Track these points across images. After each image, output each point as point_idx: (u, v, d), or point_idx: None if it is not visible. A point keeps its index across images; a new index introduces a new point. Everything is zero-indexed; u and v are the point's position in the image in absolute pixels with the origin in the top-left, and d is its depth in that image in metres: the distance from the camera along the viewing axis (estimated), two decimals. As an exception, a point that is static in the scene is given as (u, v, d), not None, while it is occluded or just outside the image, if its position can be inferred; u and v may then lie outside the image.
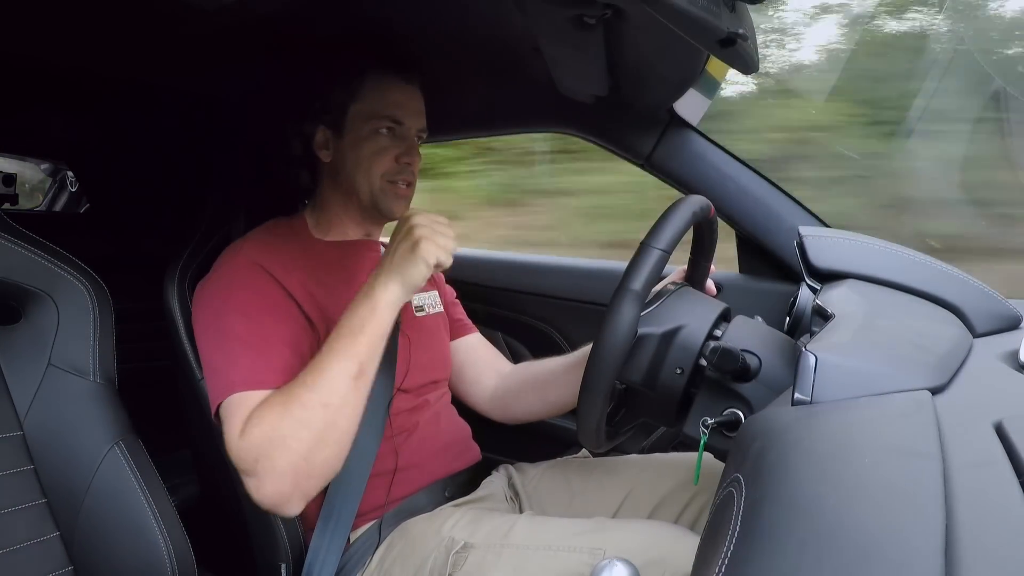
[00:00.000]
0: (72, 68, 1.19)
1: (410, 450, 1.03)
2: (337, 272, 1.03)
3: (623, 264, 0.77)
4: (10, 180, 1.72)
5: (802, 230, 0.90)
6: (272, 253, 0.97)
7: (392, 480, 1.00)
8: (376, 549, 0.96)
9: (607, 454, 1.12)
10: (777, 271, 1.27)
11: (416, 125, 1.07)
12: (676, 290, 0.87)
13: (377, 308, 0.84)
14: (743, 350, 0.76)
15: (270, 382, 0.87)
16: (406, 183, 1.06)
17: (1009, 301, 0.83)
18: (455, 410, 1.18)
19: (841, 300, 0.75)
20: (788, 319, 1.02)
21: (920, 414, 0.48)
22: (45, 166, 2.60)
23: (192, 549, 0.83)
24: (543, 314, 1.58)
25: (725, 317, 0.86)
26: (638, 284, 0.75)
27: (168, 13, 0.89)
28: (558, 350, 1.48)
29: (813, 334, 0.69)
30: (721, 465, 0.80)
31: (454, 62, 1.17)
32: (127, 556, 0.80)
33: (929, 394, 0.52)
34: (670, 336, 0.80)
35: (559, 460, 1.16)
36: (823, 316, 0.72)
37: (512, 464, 1.18)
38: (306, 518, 0.98)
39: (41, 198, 2.71)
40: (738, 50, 0.79)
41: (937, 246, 1.77)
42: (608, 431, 0.88)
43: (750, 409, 0.75)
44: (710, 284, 1.09)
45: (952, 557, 0.34)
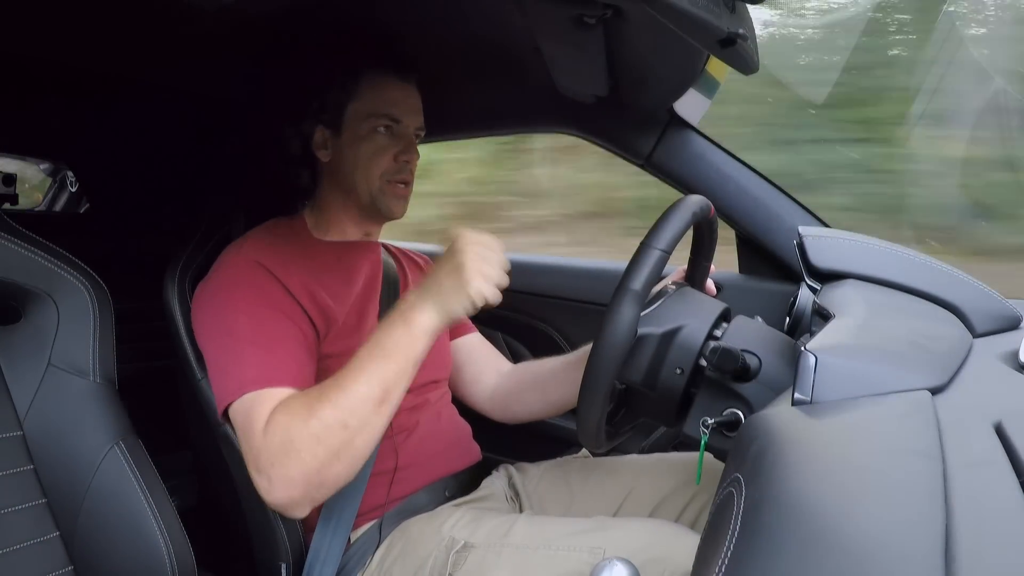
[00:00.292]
0: (72, 67, 1.19)
1: (410, 449, 1.03)
2: (337, 272, 1.03)
3: (623, 264, 0.77)
4: (10, 180, 1.71)
5: (802, 230, 0.90)
6: (273, 252, 0.97)
7: (392, 479, 1.00)
8: (376, 549, 0.96)
9: (607, 454, 1.12)
10: (777, 271, 1.27)
11: (414, 123, 1.07)
12: (676, 290, 0.87)
13: (413, 334, 0.81)
14: (743, 350, 0.76)
15: (282, 380, 0.87)
16: (404, 183, 1.06)
17: (1009, 301, 0.83)
18: (455, 409, 1.18)
19: (841, 300, 0.75)
20: (788, 319, 1.02)
21: (920, 414, 0.49)
22: (45, 166, 2.60)
23: (192, 549, 0.83)
24: (543, 314, 1.58)
25: (725, 317, 0.86)
26: (638, 284, 0.75)
27: (168, 13, 0.89)
28: (558, 350, 1.48)
29: (813, 334, 0.69)
30: (721, 465, 0.80)
31: (454, 62, 1.17)
32: (127, 556, 0.80)
33: (929, 394, 0.52)
34: (670, 336, 0.80)
35: (559, 460, 1.16)
36: (823, 316, 0.72)
37: (512, 464, 1.18)
38: (306, 518, 0.98)
39: (41, 198, 2.71)
40: (738, 50, 0.79)
41: (937, 246, 1.77)
42: (608, 431, 0.88)
43: (750, 409, 0.75)
44: (710, 284, 1.09)
45: (951, 557, 0.34)
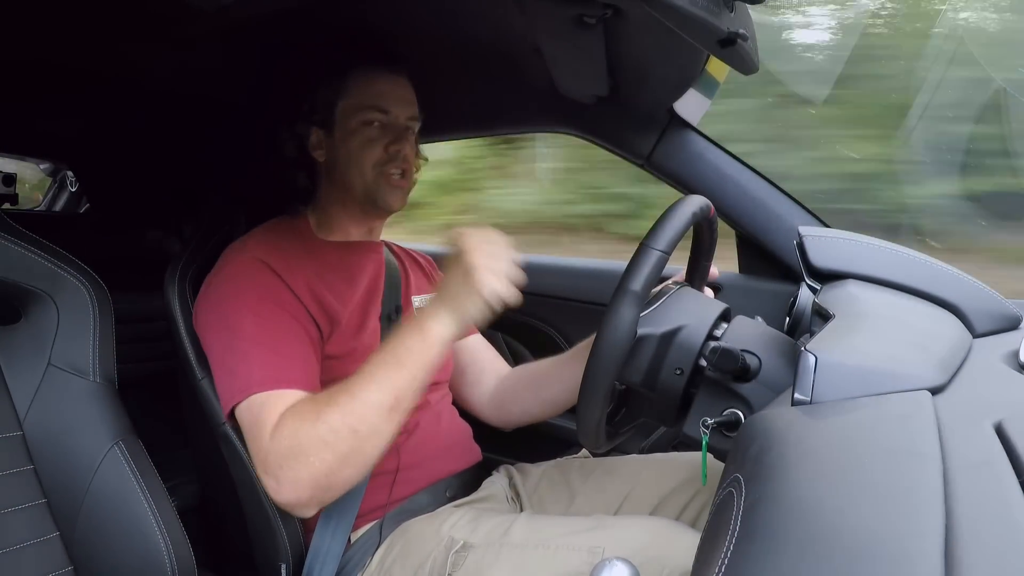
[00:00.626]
0: (72, 68, 1.19)
1: (411, 450, 1.03)
2: (340, 273, 1.03)
3: (623, 264, 0.77)
4: (10, 180, 1.72)
5: (802, 230, 0.90)
6: (276, 252, 0.97)
7: (394, 480, 1.00)
8: (377, 549, 0.96)
9: (607, 454, 1.12)
10: (777, 271, 1.27)
11: (404, 113, 1.06)
12: (676, 290, 0.87)
13: (427, 342, 0.80)
14: (743, 350, 0.76)
15: (289, 381, 0.87)
16: (400, 172, 1.05)
17: (1009, 301, 0.83)
18: (456, 411, 1.18)
19: (841, 300, 0.75)
20: (788, 319, 1.02)
21: (920, 414, 0.49)
22: (45, 166, 2.60)
23: (192, 549, 0.83)
24: (543, 314, 1.58)
25: (725, 317, 0.86)
26: (637, 285, 0.75)
27: (168, 13, 0.89)
28: (558, 350, 1.48)
29: (813, 334, 0.69)
30: (722, 464, 0.80)
31: (455, 62, 1.17)
32: (127, 556, 0.80)
33: (929, 394, 0.52)
34: (669, 337, 0.80)
35: (559, 460, 1.16)
36: (823, 316, 0.72)
37: (513, 464, 1.18)
38: (306, 518, 0.98)
39: (41, 198, 2.71)
40: (738, 50, 0.79)
41: (937, 246, 1.77)
42: (608, 431, 0.88)
43: (750, 409, 0.75)
44: (708, 290, 1.09)
45: (952, 557, 0.34)
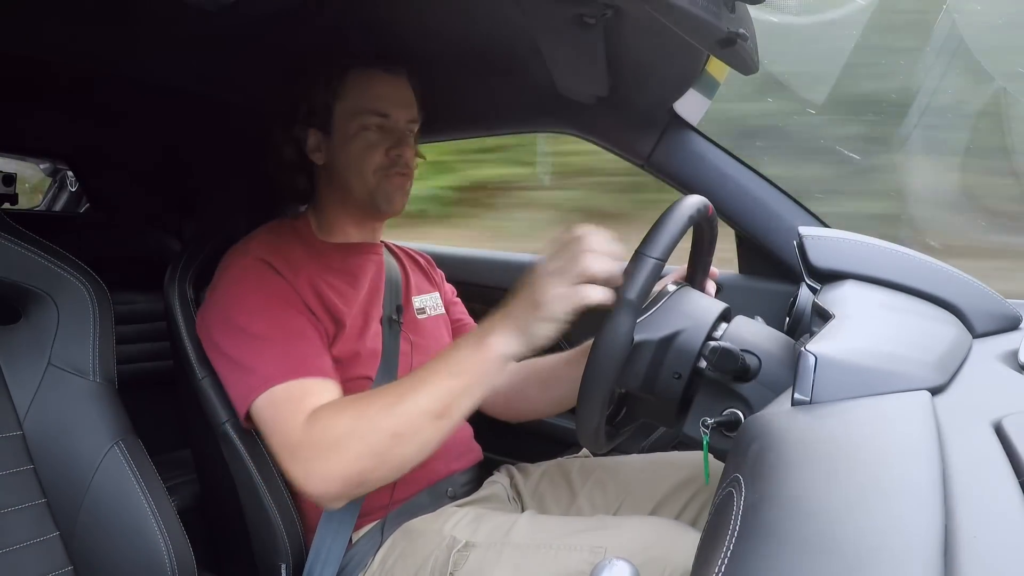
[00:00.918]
0: (72, 68, 1.19)
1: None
2: (342, 274, 1.03)
3: (623, 264, 0.77)
4: (10, 180, 1.72)
5: (802, 230, 0.90)
6: (278, 252, 0.97)
7: (396, 480, 1.00)
8: (378, 549, 0.96)
9: (608, 454, 1.12)
10: (777, 271, 1.27)
11: (404, 116, 1.05)
12: (675, 291, 0.87)
13: (487, 359, 0.78)
14: (743, 350, 0.76)
15: (309, 371, 0.87)
16: (401, 173, 1.05)
17: (1009, 301, 0.83)
18: (456, 411, 1.18)
19: (841, 300, 0.75)
20: (788, 319, 1.02)
21: (919, 414, 0.49)
22: (45, 166, 2.61)
23: (192, 549, 0.83)
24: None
25: (725, 317, 0.86)
26: (632, 294, 0.74)
27: (169, 13, 0.89)
28: (558, 349, 1.48)
29: (813, 334, 0.69)
30: (723, 463, 0.80)
31: (454, 62, 1.17)
32: (127, 556, 0.80)
33: (929, 394, 0.52)
34: (667, 342, 0.79)
35: (560, 460, 1.17)
36: (823, 316, 0.72)
37: (514, 464, 1.18)
38: (307, 518, 0.98)
39: (41, 198, 2.72)
40: (738, 50, 0.79)
41: (937, 246, 1.76)
42: (608, 431, 0.88)
43: (750, 409, 0.75)
44: (710, 284, 1.09)
45: (951, 557, 0.34)
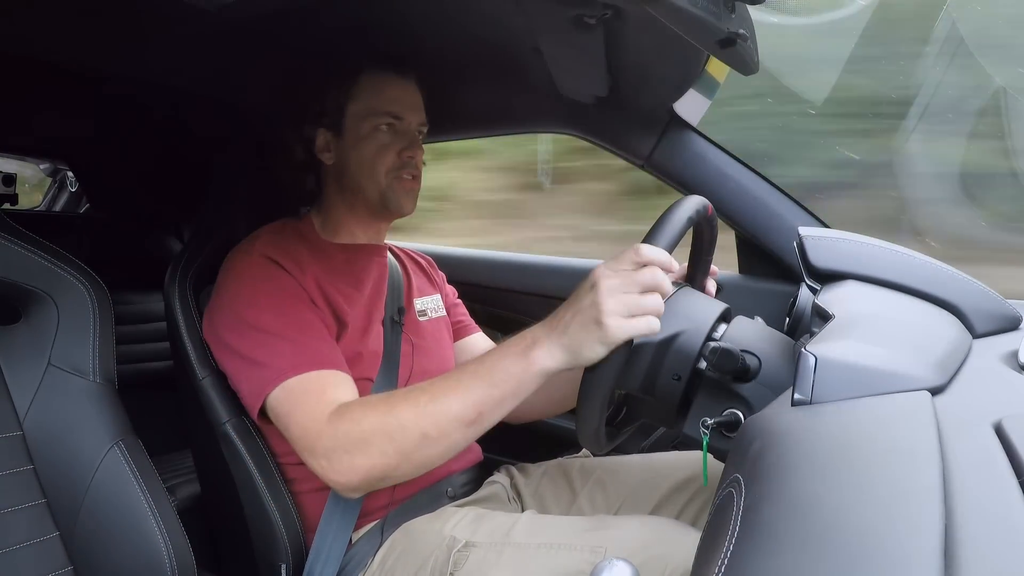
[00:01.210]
0: (73, 68, 1.19)
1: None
2: (346, 275, 1.04)
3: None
4: (10, 180, 1.72)
5: (802, 230, 0.90)
6: (284, 251, 0.97)
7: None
8: (378, 549, 0.96)
9: (608, 454, 1.12)
10: (777, 271, 1.27)
11: (416, 119, 1.07)
12: (675, 292, 0.86)
13: (529, 371, 0.77)
14: (743, 350, 0.76)
15: (323, 363, 0.88)
16: (411, 175, 1.06)
17: (1009, 301, 0.83)
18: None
19: (841, 301, 0.75)
20: (788, 319, 1.02)
21: (919, 415, 0.49)
22: (45, 166, 2.61)
23: (192, 549, 0.83)
24: (543, 314, 1.56)
25: (725, 317, 0.86)
26: None
27: (169, 13, 0.89)
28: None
29: (813, 334, 0.69)
30: (722, 464, 0.80)
31: (455, 62, 1.17)
32: (127, 556, 0.80)
33: (929, 395, 0.52)
34: (667, 344, 0.79)
35: (560, 460, 1.16)
36: (823, 317, 0.72)
37: (514, 464, 1.18)
38: (307, 518, 0.98)
39: (41, 198, 2.72)
40: (738, 50, 0.79)
41: (936, 246, 1.76)
42: (608, 432, 0.88)
43: (750, 409, 0.75)
44: (711, 283, 1.08)
45: (951, 557, 0.34)
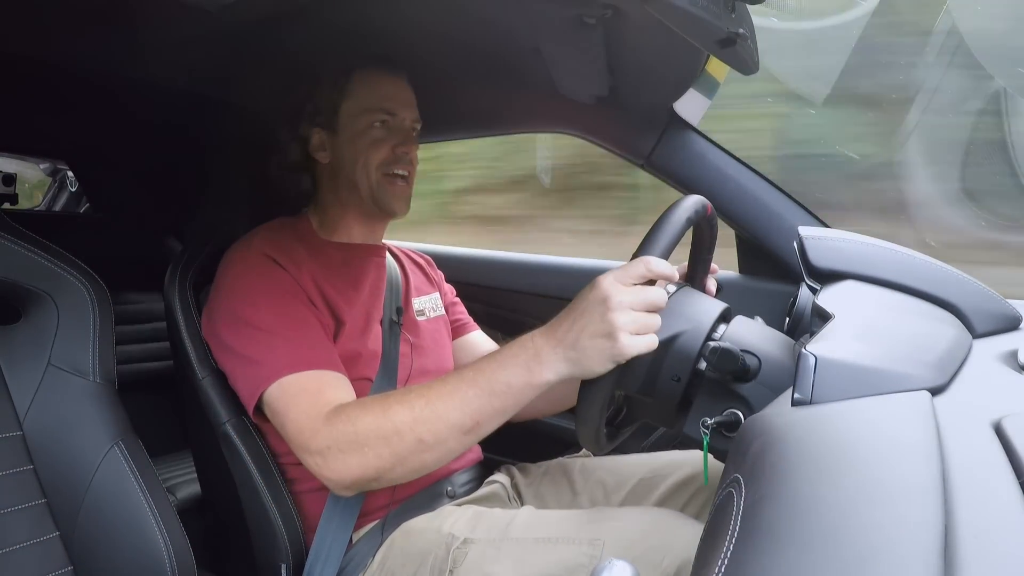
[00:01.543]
0: (72, 67, 1.19)
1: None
2: (343, 274, 1.04)
3: (623, 264, 0.77)
4: (10, 180, 1.72)
5: (802, 230, 0.89)
6: (281, 248, 0.98)
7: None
8: (378, 549, 0.96)
9: (608, 453, 1.12)
10: (777, 271, 1.27)
11: (410, 116, 1.08)
12: (675, 292, 0.86)
13: (531, 383, 0.76)
14: (743, 350, 0.76)
15: (317, 362, 0.88)
16: (403, 179, 1.07)
17: (1009, 301, 0.83)
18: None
19: (841, 300, 0.75)
20: (788, 319, 1.02)
21: (919, 415, 0.49)
22: (45, 166, 2.61)
23: (192, 549, 0.83)
24: (543, 314, 1.56)
25: (725, 317, 0.86)
26: None
27: (169, 13, 0.89)
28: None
29: (813, 334, 0.69)
30: (723, 464, 0.80)
31: (455, 62, 1.17)
32: (127, 556, 0.80)
33: (928, 394, 0.52)
34: (666, 345, 0.79)
35: (561, 460, 1.16)
36: (823, 316, 0.72)
37: (514, 464, 1.18)
38: (307, 518, 0.98)
39: (41, 198, 2.72)
40: (738, 50, 0.79)
41: (936, 246, 1.76)
42: (609, 432, 0.88)
43: (750, 409, 0.75)
44: (711, 281, 1.08)
45: (951, 557, 0.34)
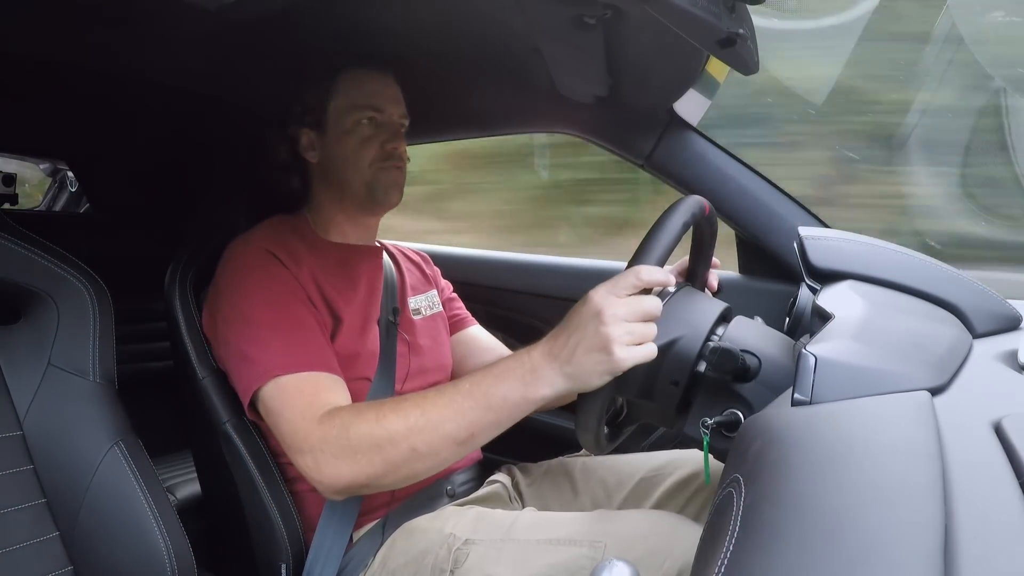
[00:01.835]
0: (72, 67, 1.19)
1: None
2: (341, 274, 1.04)
3: (622, 264, 0.77)
4: (10, 180, 1.71)
5: (802, 231, 0.89)
6: (281, 244, 0.98)
7: None
8: (379, 548, 0.96)
9: (608, 453, 1.12)
10: (777, 271, 1.27)
11: (397, 112, 1.08)
12: (673, 295, 0.85)
13: (528, 399, 0.75)
14: (743, 350, 0.76)
15: (312, 364, 0.88)
16: (396, 167, 1.07)
17: (1009, 301, 0.83)
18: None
19: (841, 301, 0.75)
20: (788, 319, 1.01)
21: (919, 415, 0.48)
22: (45, 166, 2.61)
23: (192, 549, 0.83)
24: (543, 314, 1.57)
25: (725, 317, 0.86)
26: None
27: (168, 13, 0.89)
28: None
29: (813, 334, 0.69)
30: (723, 463, 0.80)
31: (455, 63, 1.17)
32: (127, 556, 0.80)
33: (928, 395, 0.52)
34: (664, 351, 0.78)
35: (561, 459, 1.17)
36: (823, 317, 0.72)
37: (515, 464, 1.18)
38: (307, 518, 0.98)
39: (41, 198, 2.72)
40: (738, 50, 0.79)
41: (936, 246, 1.76)
42: (610, 432, 0.88)
43: (750, 409, 0.75)
44: (713, 276, 1.06)
45: (951, 557, 0.34)
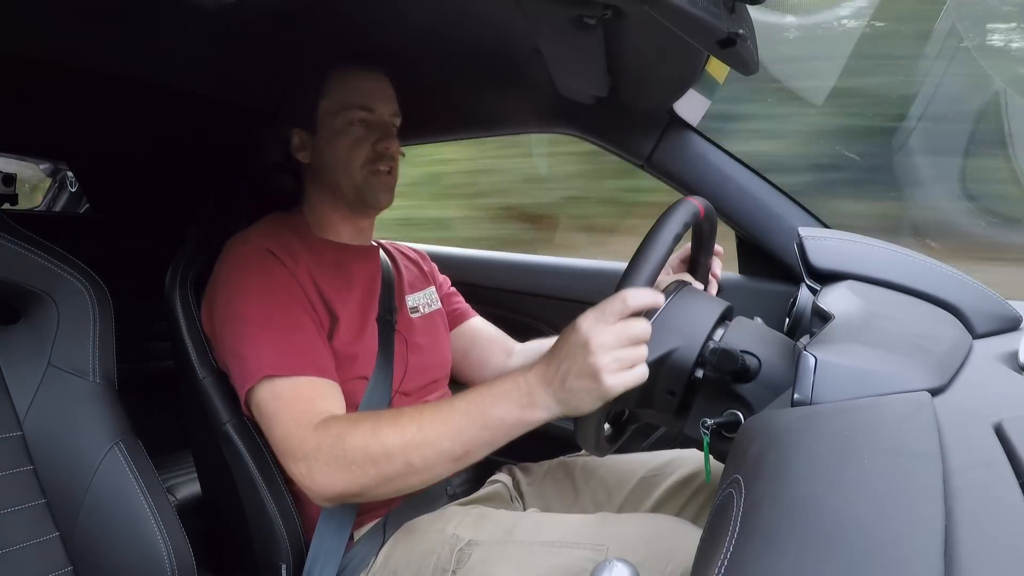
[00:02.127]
0: (72, 67, 1.19)
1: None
2: (338, 273, 1.04)
3: (622, 264, 0.77)
4: (10, 180, 1.71)
5: (802, 231, 0.90)
6: (279, 242, 0.98)
7: None
8: (380, 548, 0.96)
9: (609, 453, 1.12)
10: (777, 272, 1.27)
11: (388, 110, 1.07)
12: (671, 300, 0.83)
13: (523, 421, 0.77)
14: (743, 351, 0.76)
15: (305, 367, 0.87)
16: (387, 169, 1.06)
17: (1009, 302, 0.83)
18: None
19: (841, 301, 0.75)
20: (788, 320, 1.02)
21: (920, 415, 0.49)
22: (45, 166, 2.60)
23: (192, 549, 0.83)
24: (543, 314, 1.57)
25: (726, 316, 0.86)
26: None
27: (169, 13, 0.89)
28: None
29: (813, 335, 0.69)
30: (723, 464, 0.80)
31: (455, 63, 1.17)
32: (127, 556, 0.80)
33: (929, 395, 0.52)
34: (660, 362, 0.78)
35: (562, 459, 1.17)
36: (823, 317, 0.72)
37: (516, 464, 1.18)
38: (307, 518, 0.98)
39: (41, 198, 2.72)
40: (738, 51, 0.79)
41: (937, 246, 1.76)
42: (610, 434, 0.87)
43: (750, 410, 0.75)
44: (716, 264, 1.05)
45: (951, 557, 0.34)
